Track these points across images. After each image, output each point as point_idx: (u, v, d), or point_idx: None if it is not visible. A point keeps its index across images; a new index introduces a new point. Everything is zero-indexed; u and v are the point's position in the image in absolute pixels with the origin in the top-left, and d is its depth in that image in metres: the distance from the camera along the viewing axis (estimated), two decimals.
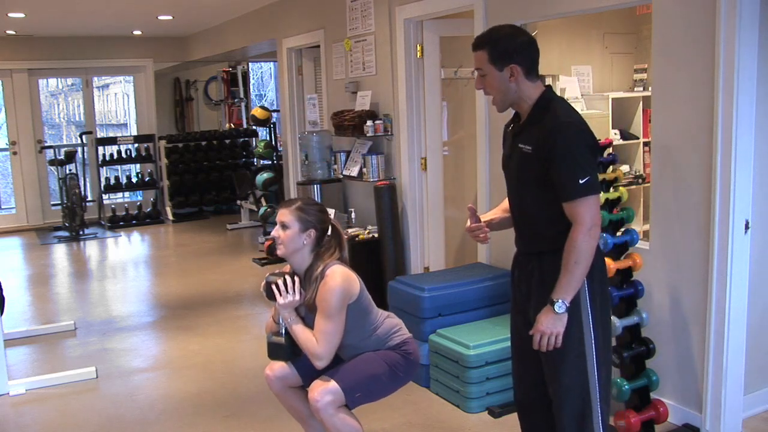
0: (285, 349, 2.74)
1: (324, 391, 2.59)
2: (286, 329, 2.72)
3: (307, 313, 2.71)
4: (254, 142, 10.36)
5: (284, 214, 2.70)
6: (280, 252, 2.72)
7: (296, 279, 2.69)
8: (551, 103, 2.27)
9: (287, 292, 2.66)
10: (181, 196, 9.99)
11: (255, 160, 9.98)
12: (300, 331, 2.65)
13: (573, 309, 2.25)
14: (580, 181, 2.14)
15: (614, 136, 5.36)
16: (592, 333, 2.26)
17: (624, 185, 3.21)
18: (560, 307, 2.18)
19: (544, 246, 2.30)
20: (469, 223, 2.46)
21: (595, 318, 2.27)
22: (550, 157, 2.17)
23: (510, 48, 2.26)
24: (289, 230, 2.68)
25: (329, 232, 2.74)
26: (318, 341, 2.59)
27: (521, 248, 2.43)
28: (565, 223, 2.22)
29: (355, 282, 2.66)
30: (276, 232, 2.71)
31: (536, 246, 2.33)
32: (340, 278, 2.61)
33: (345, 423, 2.63)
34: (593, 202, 2.18)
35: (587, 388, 2.28)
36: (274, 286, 2.67)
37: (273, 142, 8.39)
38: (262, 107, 8.00)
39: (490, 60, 2.26)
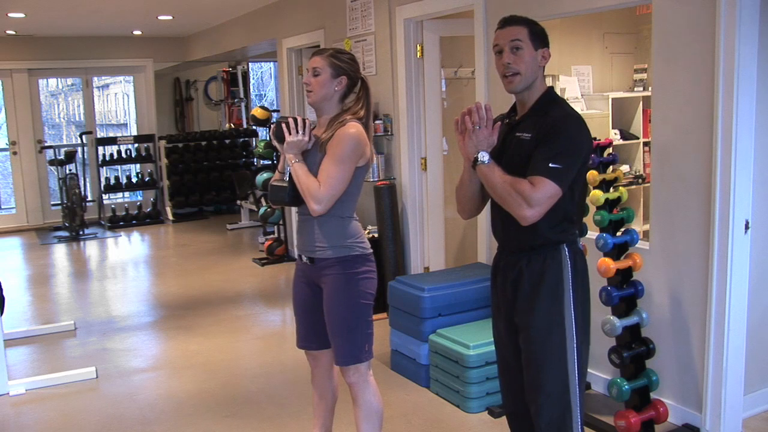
0: (285, 191, 2.69)
1: (350, 373, 2.71)
2: (290, 176, 2.68)
3: (317, 153, 2.66)
4: (254, 142, 10.36)
5: (316, 61, 2.66)
6: (310, 99, 2.68)
7: (307, 121, 2.67)
8: (557, 100, 2.31)
9: (296, 131, 2.63)
10: (181, 196, 9.99)
11: (255, 160, 9.99)
12: (302, 172, 2.61)
13: (556, 315, 2.24)
14: (550, 165, 2.13)
15: (614, 136, 5.36)
16: (575, 339, 2.25)
17: (624, 185, 3.21)
18: (484, 155, 2.21)
19: (534, 239, 2.26)
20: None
21: (577, 322, 2.26)
22: (544, 138, 2.18)
23: (545, 34, 2.31)
24: (320, 76, 2.64)
25: (359, 86, 2.72)
26: (321, 183, 2.57)
27: (507, 245, 2.38)
28: (557, 216, 2.22)
29: (368, 145, 2.66)
30: (307, 78, 2.67)
31: (525, 239, 2.28)
32: (358, 130, 2.60)
33: (372, 403, 2.75)
34: (549, 189, 2.13)
35: (567, 393, 2.26)
36: (284, 124, 2.64)
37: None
38: (262, 107, 7.99)
39: (530, 36, 2.27)
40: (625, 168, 5.44)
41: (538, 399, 2.29)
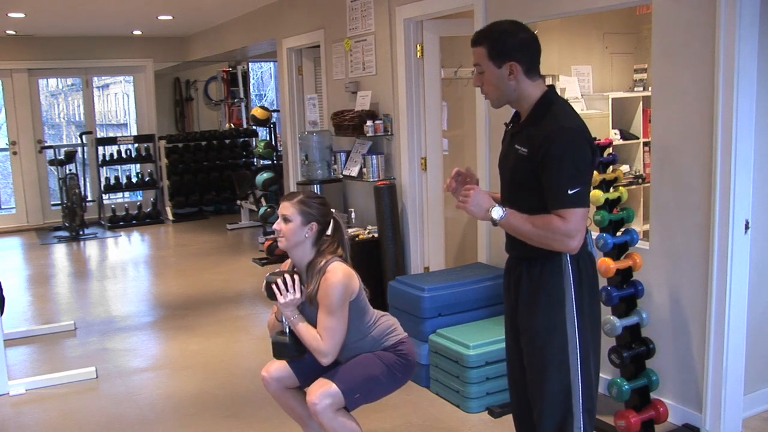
0: (290, 347, 2.72)
1: (322, 394, 2.58)
2: (290, 327, 2.71)
3: (308, 306, 2.70)
4: (254, 142, 10.36)
5: (286, 207, 2.68)
6: (281, 245, 2.70)
7: (296, 277, 2.67)
8: (552, 106, 2.20)
9: (287, 290, 2.64)
10: (181, 196, 9.99)
11: (255, 160, 9.98)
12: (304, 329, 2.64)
13: (557, 321, 2.22)
14: (569, 192, 2.07)
15: (614, 136, 5.36)
16: (578, 345, 2.22)
17: (624, 185, 3.21)
18: (497, 212, 2.14)
19: (533, 251, 2.22)
20: (449, 182, 2.34)
21: (581, 327, 2.22)
22: (544, 161, 2.10)
23: (509, 45, 2.19)
24: (291, 223, 2.66)
25: (331, 227, 2.74)
26: (322, 338, 2.59)
27: (510, 251, 2.39)
28: None
29: (355, 279, 2.67)
30: (278, 225, 2.69)
31: (525, 250, 2.25)
32: (341, 274, 2.61)
33: (344, 426, 2.63)
34: (580, 215, 2.09)
35: (569, 398, 2.23)
36: (274, 286, 2.65)
37: (273, 142, 8.40)
38: (262, 107, 8.00)
39: (488, 56, 2.19)
40: (625, 168, 5.44)
41: (539, 403, 2.28)
